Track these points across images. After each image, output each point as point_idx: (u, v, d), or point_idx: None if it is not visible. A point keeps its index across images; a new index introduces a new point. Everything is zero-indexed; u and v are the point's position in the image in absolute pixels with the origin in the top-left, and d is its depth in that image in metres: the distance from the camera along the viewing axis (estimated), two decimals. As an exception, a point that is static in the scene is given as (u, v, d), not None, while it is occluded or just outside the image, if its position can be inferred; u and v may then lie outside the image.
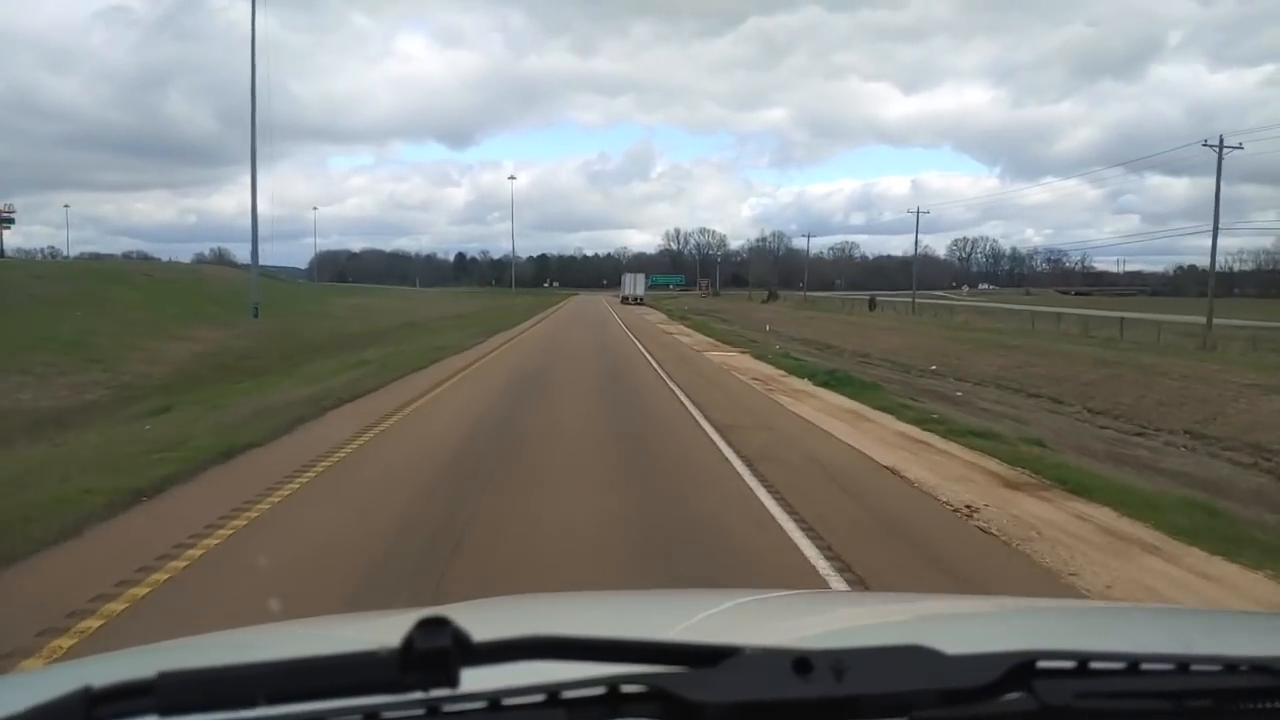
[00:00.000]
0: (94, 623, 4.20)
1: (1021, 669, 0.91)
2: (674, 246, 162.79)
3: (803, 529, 6.12)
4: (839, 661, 0.87)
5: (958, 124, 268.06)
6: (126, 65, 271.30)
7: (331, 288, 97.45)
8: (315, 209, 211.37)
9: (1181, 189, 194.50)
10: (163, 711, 0.74)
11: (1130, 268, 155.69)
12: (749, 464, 8.41)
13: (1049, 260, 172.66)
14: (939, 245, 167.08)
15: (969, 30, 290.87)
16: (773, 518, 6.51)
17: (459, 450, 9.02)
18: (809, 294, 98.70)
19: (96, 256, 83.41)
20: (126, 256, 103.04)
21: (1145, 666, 0.96)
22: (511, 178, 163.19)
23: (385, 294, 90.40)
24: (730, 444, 9.47)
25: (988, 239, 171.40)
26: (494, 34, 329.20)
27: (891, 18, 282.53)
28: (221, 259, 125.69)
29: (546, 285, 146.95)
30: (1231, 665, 0.98)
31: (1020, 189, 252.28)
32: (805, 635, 1.55)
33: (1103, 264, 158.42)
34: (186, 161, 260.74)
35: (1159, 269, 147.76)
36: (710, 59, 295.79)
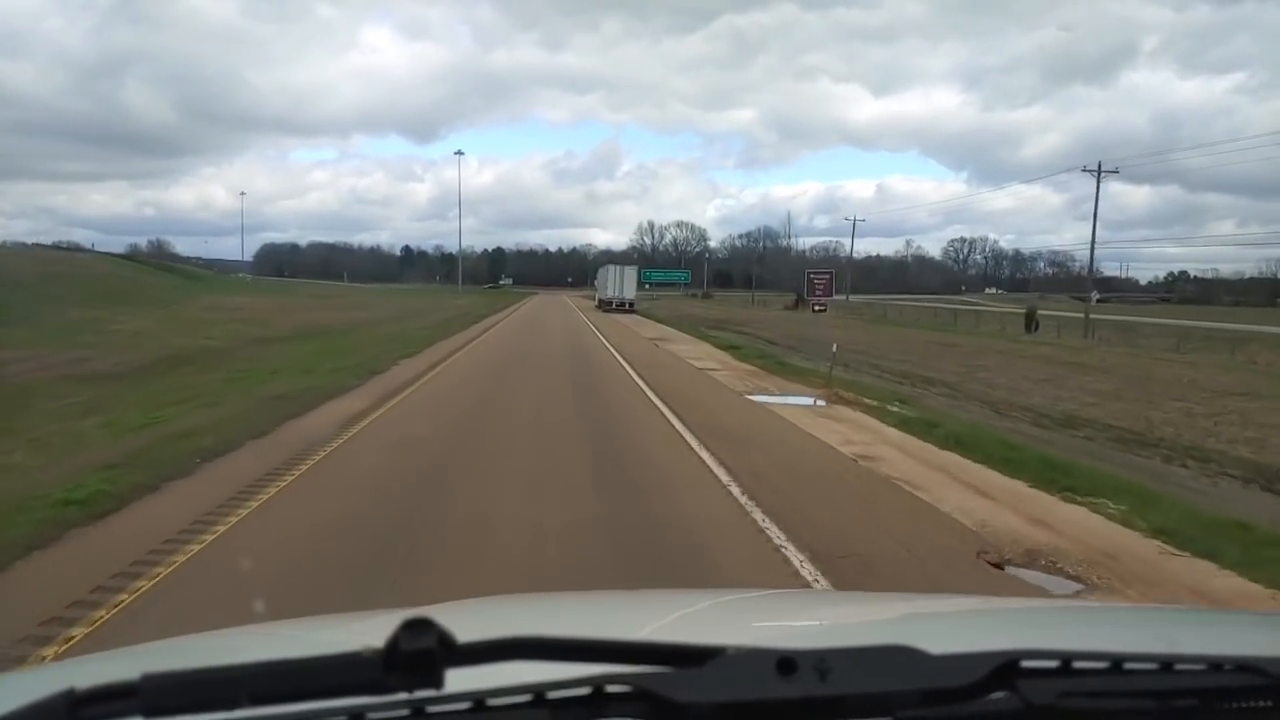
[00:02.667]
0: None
1: (1005, 668, 0.90)
2: (647, 241, 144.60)
3: None
4: (823, 661, 0.85)
5: (926, 127, 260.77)
6: (82, 51, 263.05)
7: (240, 283, 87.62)
8: (243, 193, 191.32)
9: (1143, 196, 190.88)
10: (146, 713, 0.73)
11: (1109, 273, 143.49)
12: None
13: (1053, 264, 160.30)
14: (914, 247, 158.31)
15: (941, 32, 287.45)
16: None
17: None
18: (843, 298, 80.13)
19: (24, 246, 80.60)
20: (56, 246, 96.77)
21: (1129, 666, 0.95)
22: (459, 153, 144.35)
23: (296, 291, 77.79)
24: None
25: (987, 240, 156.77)
26: (462, 26, 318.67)
27: (865, 17, 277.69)
28: (161, 251, 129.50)
29: (501, 282, 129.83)
30: (1216, 664, 0.97)
31: (987, 193, 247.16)
32: (789, 635, 1.51)
33: (1107, 269, 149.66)
34: (143, 152, 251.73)
35: (1145, 276, 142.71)
36: (680, 57, 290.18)
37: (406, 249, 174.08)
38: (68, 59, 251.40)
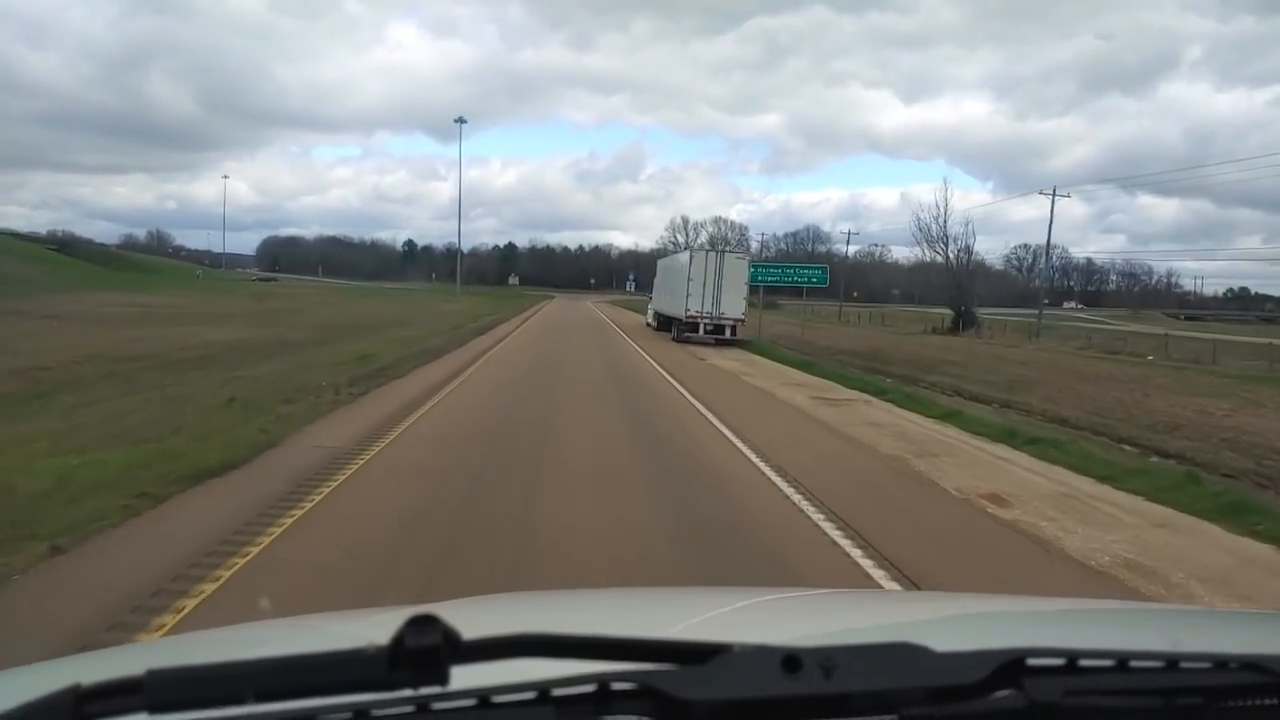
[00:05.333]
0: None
1: (1011, 666, 0.89)
2: (679, 239, 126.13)
3: None
4: (828, 659, 0.85)
5: (954, 136, 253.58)
6: (106, 42, 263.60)
7: (188, 277, 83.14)
8: (226, 177, 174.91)
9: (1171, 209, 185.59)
10: (152, 709, 0.73)
11: (1186, 287, 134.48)
12: None
13: (1127, 275, 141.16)
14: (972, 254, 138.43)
15: (975, 39, 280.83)
16: None
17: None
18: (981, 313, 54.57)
19: (15, 235, 78.05)
20: (51, 234, 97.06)
21: (1134, 664, 0.94)
22: (459, 120, 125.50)
23: (240, 291, 63.10)
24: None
25: (1056, 247, 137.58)
26: (489, 25, 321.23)
27: (899, 22, 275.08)
28: (160, 243, 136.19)
29: (509, 282, 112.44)
30: (1221, 662, 0.96)
31: (1015, 203, 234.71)
32: (797, 634, 1.51)
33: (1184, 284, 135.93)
34: (166, 146, 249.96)
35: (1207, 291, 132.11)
36: (709, 59, 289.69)
37: (410, 244, 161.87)
38: (92, 50, 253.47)
